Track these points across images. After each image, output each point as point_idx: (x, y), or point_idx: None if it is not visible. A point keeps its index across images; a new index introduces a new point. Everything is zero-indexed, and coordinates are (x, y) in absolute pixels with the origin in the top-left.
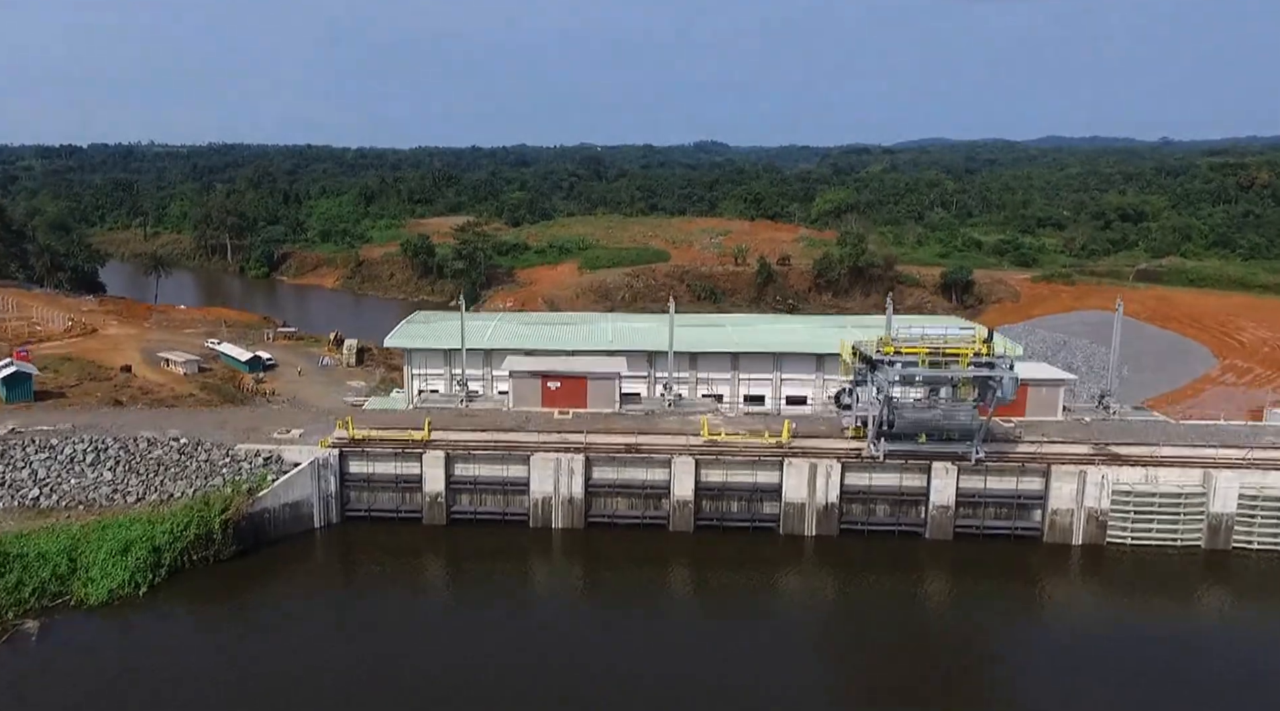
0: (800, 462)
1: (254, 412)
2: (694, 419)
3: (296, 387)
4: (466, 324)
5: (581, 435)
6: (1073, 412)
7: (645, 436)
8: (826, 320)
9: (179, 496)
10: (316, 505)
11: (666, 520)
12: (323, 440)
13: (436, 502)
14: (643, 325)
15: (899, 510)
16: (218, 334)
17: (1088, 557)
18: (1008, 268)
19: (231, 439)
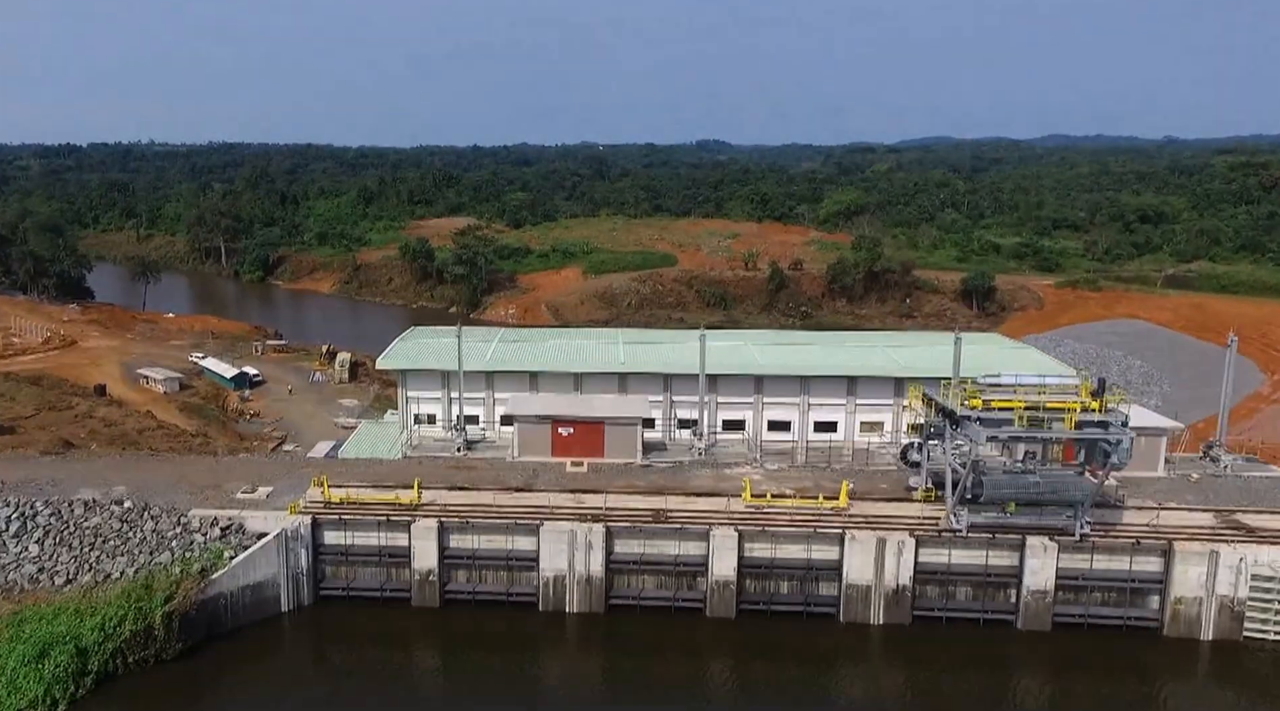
0: (865, 535)
1: (216, 464)
2: (731, 473)
3: (284, 407)
4: (465, 343)
5: (600, 498)
6: (1174, 465)
7: (676, 498)
8: (855, 337)
9: (117, 577)
10: (284, 585)
11: (703, 603)
12: (292, 504)
13: (428, 580)
14: (657, 344)
15: (984, 594)
16: (204, 346)
17: (1219, 655)
18: (1028, 273)
19: (186, 500)
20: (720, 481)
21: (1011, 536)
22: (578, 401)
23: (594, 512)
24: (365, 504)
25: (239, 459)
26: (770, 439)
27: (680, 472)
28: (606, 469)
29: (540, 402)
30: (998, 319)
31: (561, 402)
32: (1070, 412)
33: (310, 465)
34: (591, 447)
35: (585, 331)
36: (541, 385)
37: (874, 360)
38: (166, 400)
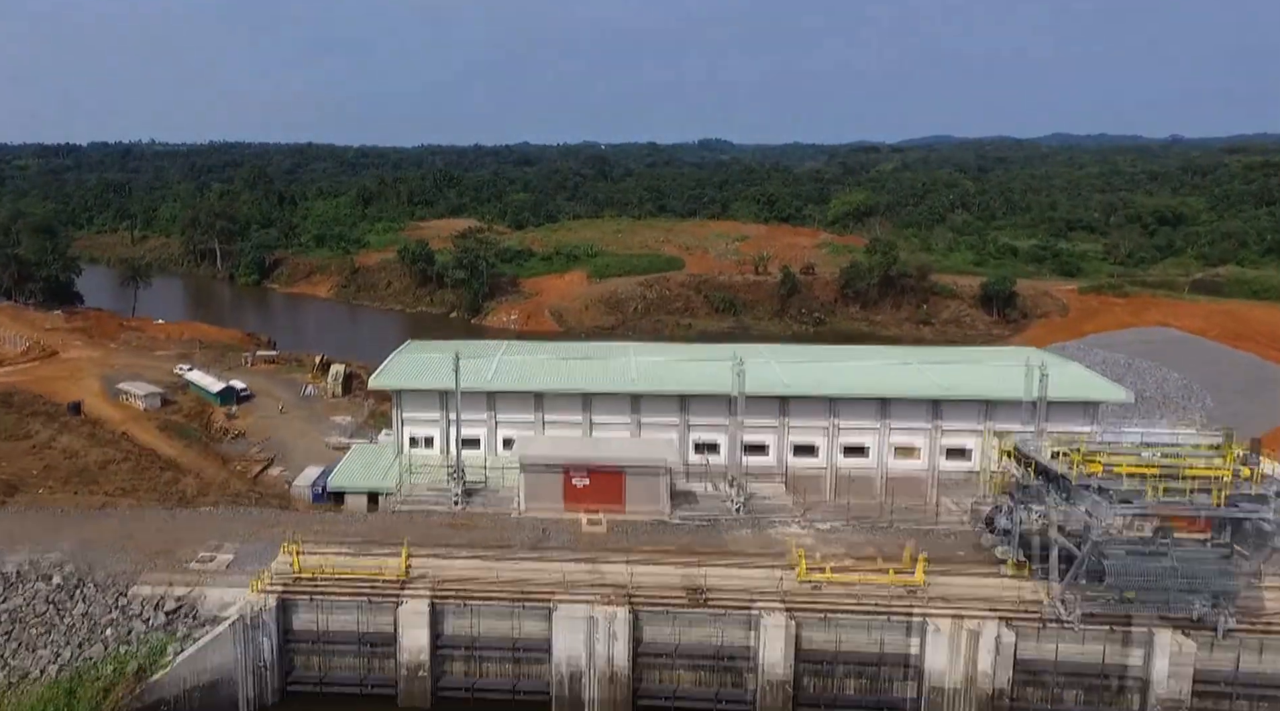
0: (949, 624)
1: (174, 519)
2: (776, 532)
3: (273, 425)
4: (465, 359)
5: (623, 566)
6: None
7: (714, 567)
8: (882, 352)
9: (37, 675)
10: (243, 680)
11: (752, 703)
12: (256, 578)
13: (418, 673)
14: (673, 361)
15: (1099, 698)
16: (191, 357)
17: None
18: (1049, 277)
19: (133, 566)
20: (764, 544)
21: (1135, 629)
22: (593, 444)
23: (617, 590)
24: (343, 577)
25: (201, 513)
26: (796, 464)
27: (715, 531)
28: (629, 525)
29: (550, 445)
30: (1019, 326)
31: (575, 445)
32: (1217, 481)
33: (281, 522)
34: (610, 499)
35: (594, 346)
36: (547, 407)
37: (910, 380)
38: (146, 418)
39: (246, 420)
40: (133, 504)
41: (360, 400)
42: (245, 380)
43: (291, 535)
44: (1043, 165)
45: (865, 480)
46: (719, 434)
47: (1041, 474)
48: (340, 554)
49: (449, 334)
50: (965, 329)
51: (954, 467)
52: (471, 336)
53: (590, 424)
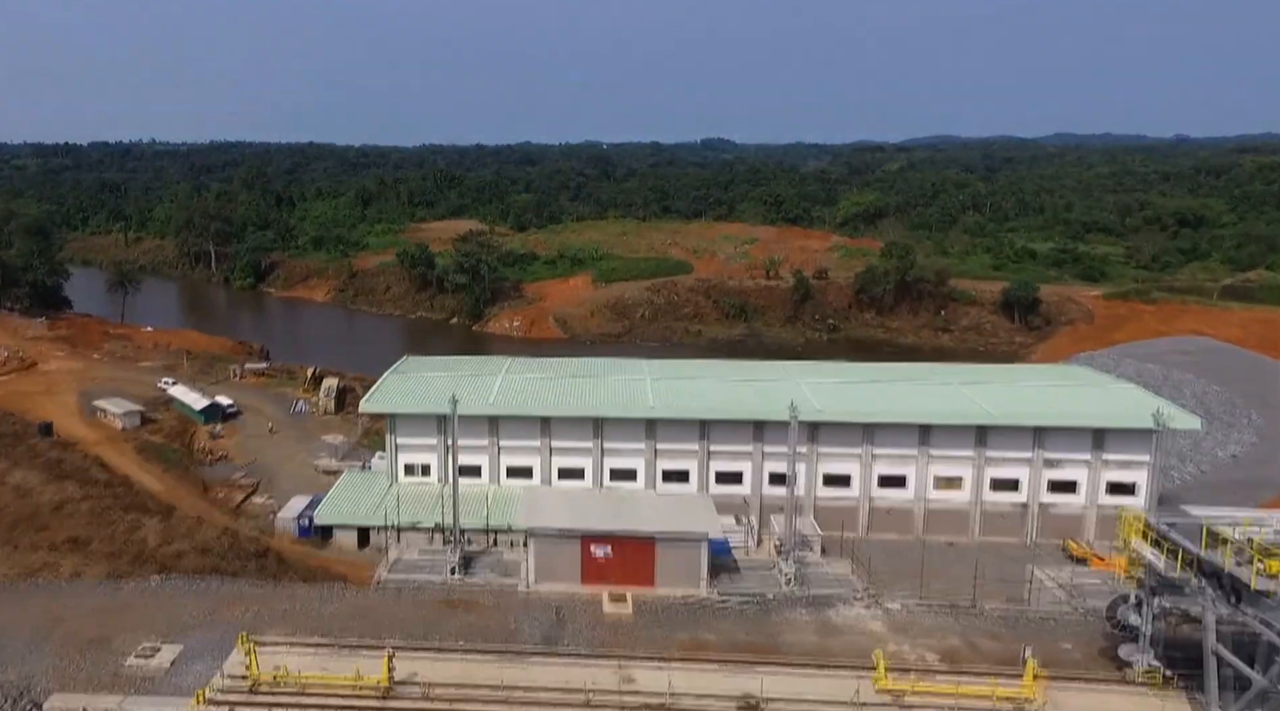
0: None
1: (116, 596)
2: (839, 618)
3: (259, 445)
4: (465, 376)
5: (659, 672)
6: None
7: (771, 674)
8: (917, 370)
9: None
10: None
11: None
12: (201, 691)
13: None
14: (691, 379)
15: None
16: (177, 369)
17: None
18: (1071, 282)
19: (50, 672)
20: (826, 634)
21: None
22: (616, 507)
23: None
24: (311, 686)
25: (151, 586)
26: (826, 495)
27: (767, 617)
28: (659, 606)
29: (565, 507)
30: (1043, 333)
31: (594, 508)
32: None
33: (245, 598)
34: (638, 574)
35: (604, 364)
36: (555, 432)
37: (951, 403)
38: (123, 439)
39: (231, 440)
40: (79, 563)
41: (353, 417)
42: (232, 395)
43: (253, 619)
44: (1050, 165)
45: (902, 514)
46: (743, 463)
47: (1193, 567)
48: (311, 646)
49: (449, 341)
50: (986, 336)
51: (1001, 500)
52: (473, 344)
53: (601, 450)
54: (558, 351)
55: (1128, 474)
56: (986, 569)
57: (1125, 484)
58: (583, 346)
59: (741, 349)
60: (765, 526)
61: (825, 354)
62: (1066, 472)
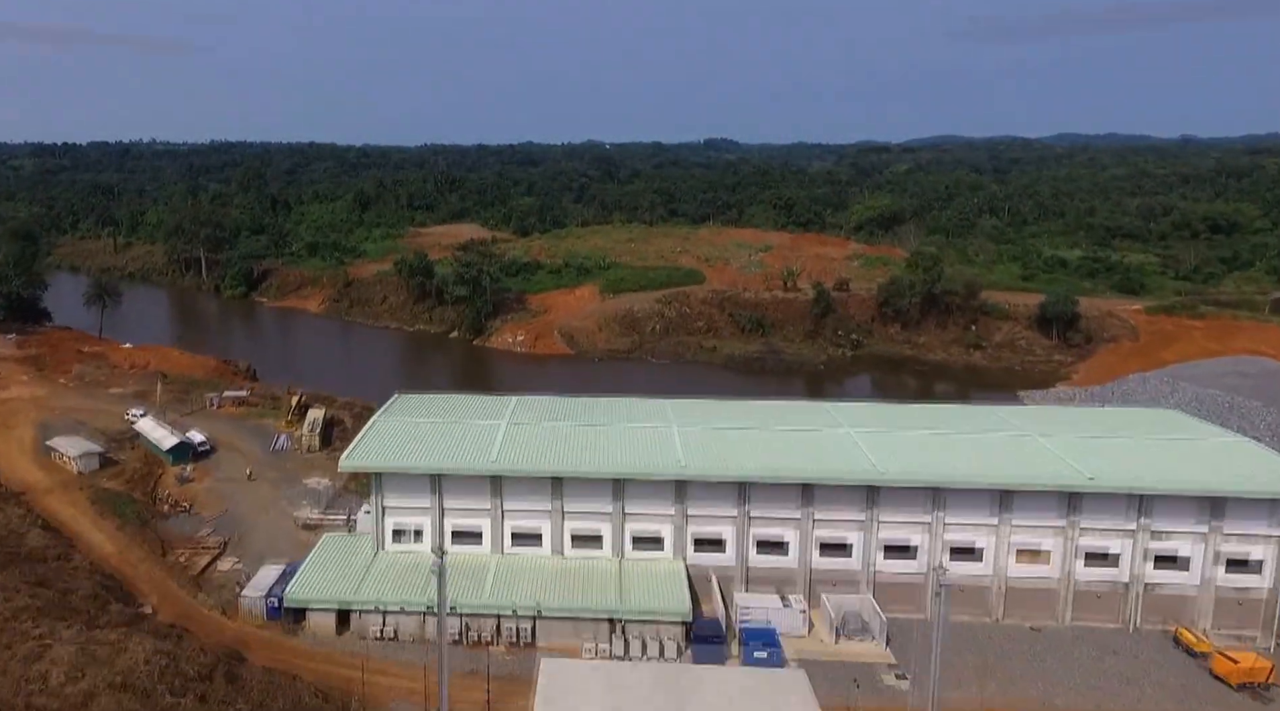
0: None
1: None
2: None
3: (233, 491)
4: (464, 421)
5: None
6: None
7: None
8: (982, 415)
9: None
10: None
11: None
12: None
13: None
14: (725, 429)
15: None
16: (150, 396)
17: None
18: (1108, 294)
19: None
20: None
21: None
22: (679, 702)
23: None
24: None
25: None
26: (887, 568)
27: None
28: None
29: (601, 697)
30: (1083, 351)
31: (643, 700)
32: None
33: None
34: None
35: (623, 406)
36: (568, 493)
37: (1033, 460)
38: (78, 485)
39: (202, 484)
40: None
41: (340, 455)
42: (208, 428)
43: None
44: (1059, 166)
45: (977, 591)
46: (788, 530)
47: None
48: None
49: (449, 357)
50: (1021, 354)
51: (1095, 577)
52: (474, 361)
53: (623, 514)
54: (564, 369)
55: (1249, 548)
56: (1081, 660)
57: (1247, 559)
58: (590, 363)
59: (759, 367)
60: (816, 604)
61: (848, 371)
62: (1175, 545)
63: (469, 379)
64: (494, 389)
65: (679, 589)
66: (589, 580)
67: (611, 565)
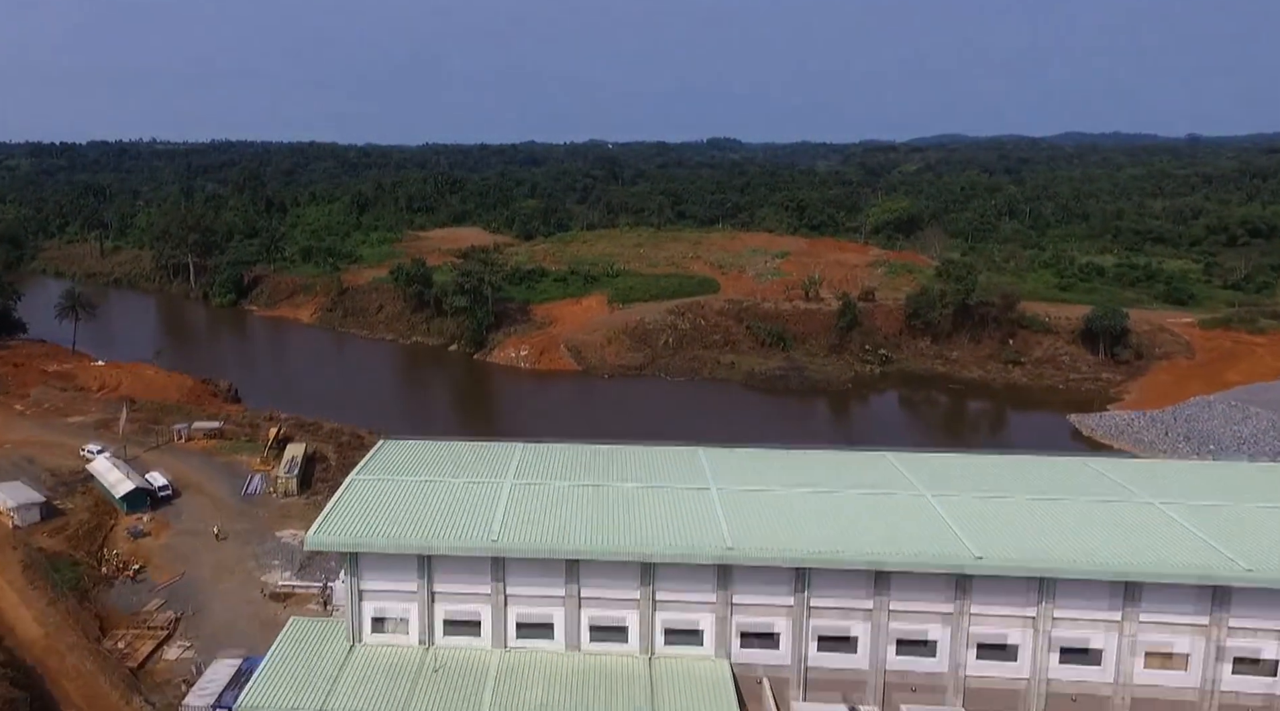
0: None
1: None
2: None
3: (194, 550)
4: (458, 488)
5: None
6: None
7: None
8: (1091, 472)
9: None
10: None
11: None
12: None
13: None
14: (771, 491)
15: None
16: (113, 426)
17: None
18: (1154, 305)
19: None
20: None
21: None
22: None
23: None
24: None
25: None
26: (979, 671)
27: None
28: None
29: None
30: (1134, 369)
31: None
32: None
33: None
34: None
35: (649, 459)
36: (586, 576)
37: (1163, 540)
38: (12, 543)
39: (159, 539)
40: None
41: (321, 499)
42: (174, 466)
43: None
44: (1069, 165)
45: (1093, 700)
46: (856, 622)
47: None
48: None
49: (447, 373)
50: (1065, 372)
51: (1246, 686)
52: (474, 377)
53: (653, 601)
54: (571, 387)
55: None
56: None
57: None
58: (599, 381)
59: (782, 385)
60: None
61: (876, 388)
62: None
63: (469, 400)
64: (496, 412)
65: (723, 694)
66: (612, 682)
67: (639, 663)
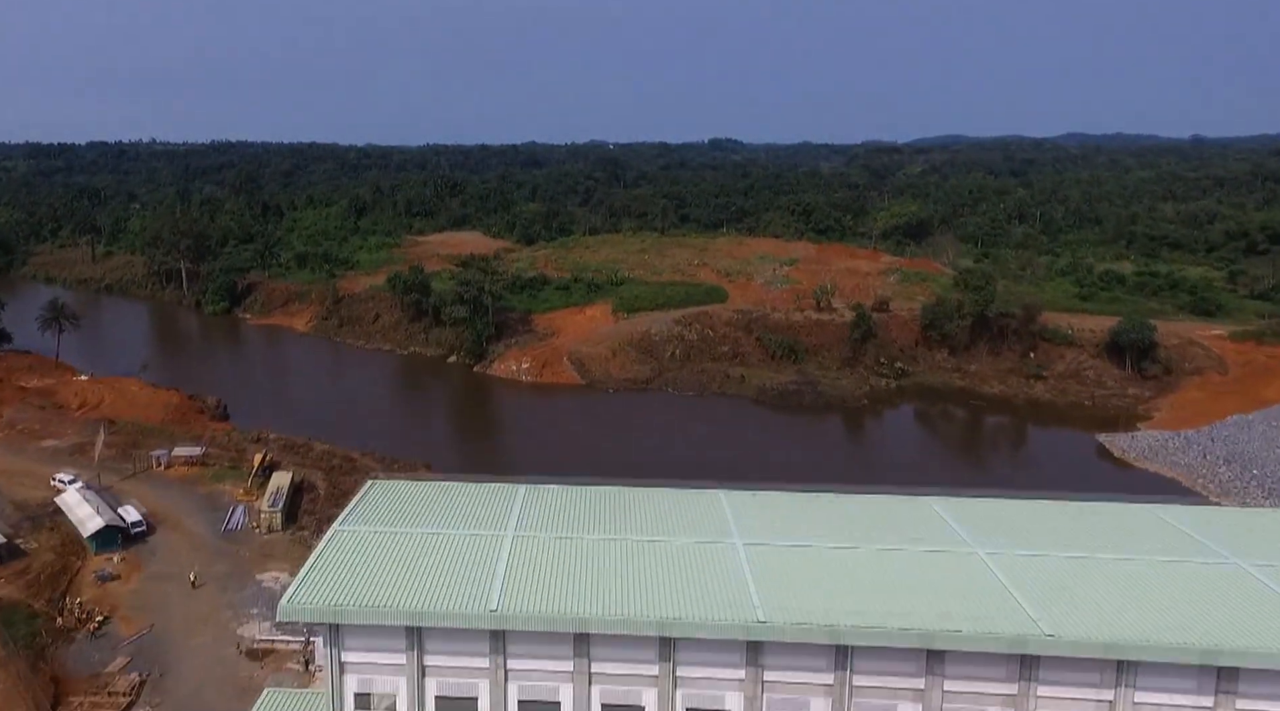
0: None
1: None
2: None
3: (165, 597)
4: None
5: None
6: None
7: None
8: (1168, 525)
9: None
10: None
11: None
12: None
13: None
14: (807, 547)
15: None
16: (88, 450)
17: None
18: (1179, 316)
19: None
20: None
21: None
22: None
23: None
24: None
25: None
26: None
27: None
28: None
29: None
30: (1163, 385)
31: None
32: None
33: None
34: None
35: (666, 502)
36: (597, 648)
37: (1262, 616)
38: None
39: (128, 584)
40: None
41: (307, 535)
42: (151, 496)
43: None
44: (1075, 167)
45: None
46: (904, 703)
47: None
48: None
49: (446, 386)
50: (1090, 387)
51: None
52: (474, 390)
53: (674, 677)
54: (574, 402)
55: None
56: None
57: None
58: (604, 396)
59: (795, 401)
60: None
61: (892, 403)
62: None
63: (468, 417)
64: (497, 430)
65: None
66: None
67: None
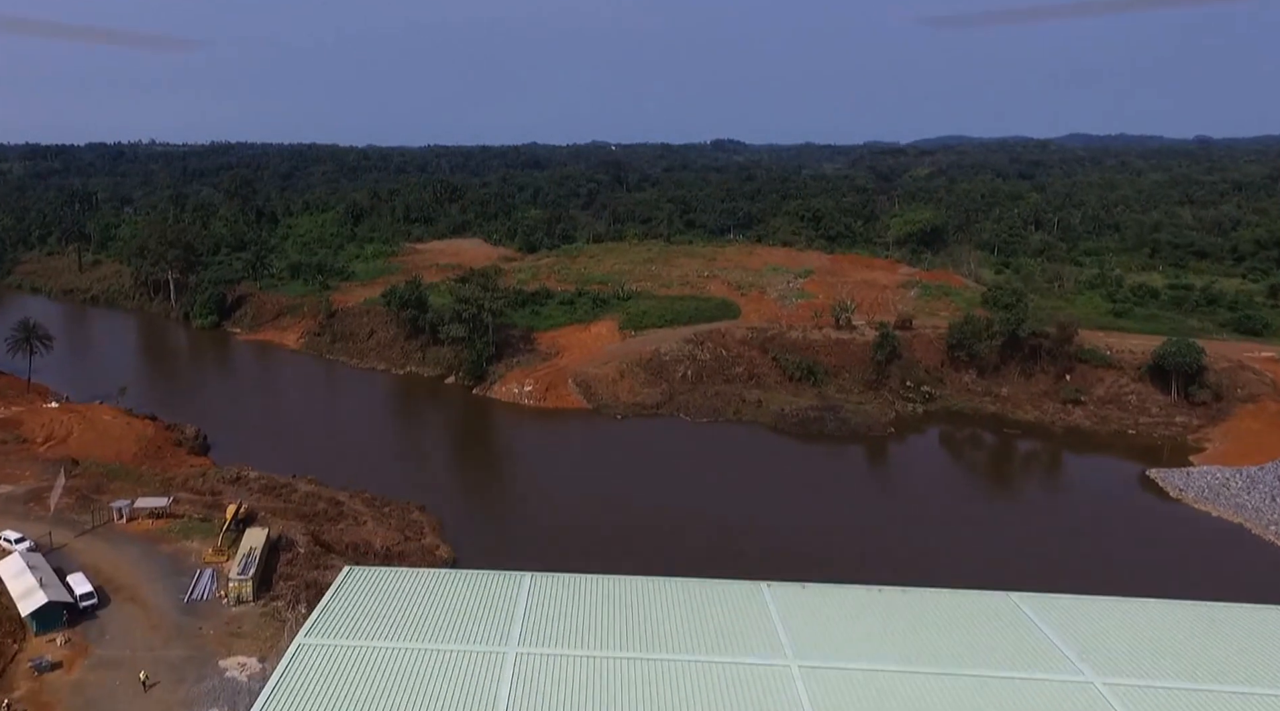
0: None
1: None
2: None
3: (111, 691)
4: (447, 658)
5: None
6: None
7: None
8: None
9: None
10: None
11: None
12: None
13: None
14: (871, 667)
15: None
16: (44, 499)
17: None
18: (1220, 334)
19: None
20: None
21: None
22: None
23: None
24: None
25: None
26: None
27: None
28: None
29: None
30: (1213, 412)
31: None
32: None
33: None
34: None
35: (700, 593)
36: None
37: None
38: None
39: (70, 674)
40: None
41: (283, 607)
42: (107, 557)
43: None
44: (1083, 169)
45: None
46: None
47: None
48: None
49: (444, 410)
50: (1134, 414)
51: None
52: (473, 415)
53: None
54: (580, 429)
55: None
56: None
57: None
58: (611, 422)
59: (817, 429)
60: None
61: (919, 429)
62: None
63: (467, 447)
64: (497, 463)
65: None
66: None
67: None
